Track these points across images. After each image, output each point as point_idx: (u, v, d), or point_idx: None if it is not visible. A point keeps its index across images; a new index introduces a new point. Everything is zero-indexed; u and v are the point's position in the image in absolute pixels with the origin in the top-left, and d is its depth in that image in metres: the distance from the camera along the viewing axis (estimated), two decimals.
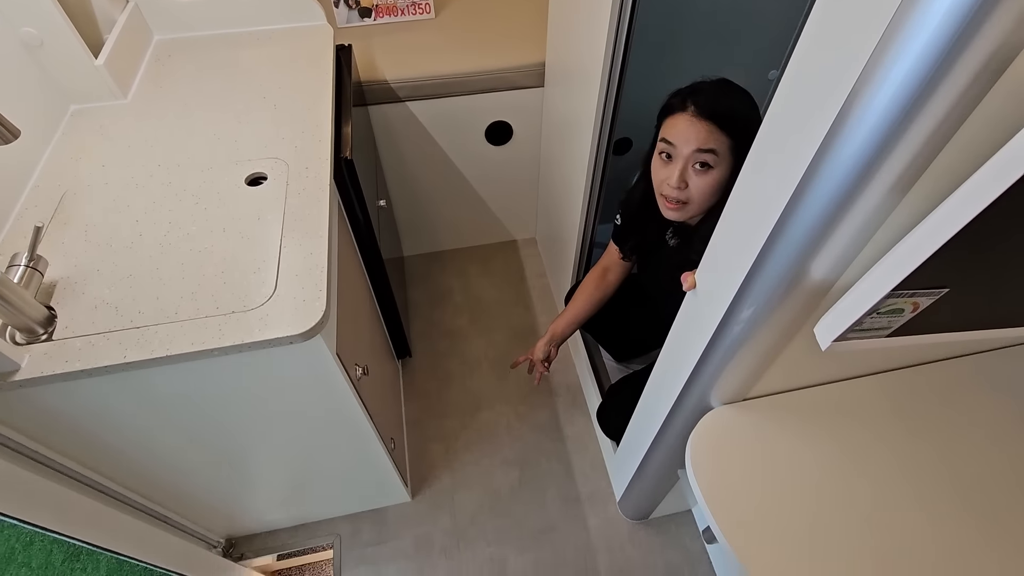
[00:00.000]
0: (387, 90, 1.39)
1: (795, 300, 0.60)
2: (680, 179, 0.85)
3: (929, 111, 0.40)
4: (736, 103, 0.84)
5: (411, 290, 1.86)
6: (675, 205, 0.88)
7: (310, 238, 0.81)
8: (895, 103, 0.40)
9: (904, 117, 0.40)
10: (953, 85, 0.38)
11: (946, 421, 0.79)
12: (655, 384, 0.98)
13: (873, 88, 0.41)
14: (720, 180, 0.85)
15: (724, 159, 0.84)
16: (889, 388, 0.81)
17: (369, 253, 1.19)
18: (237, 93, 1.06)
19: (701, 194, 0.86)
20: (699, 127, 0.82)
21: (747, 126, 0.83)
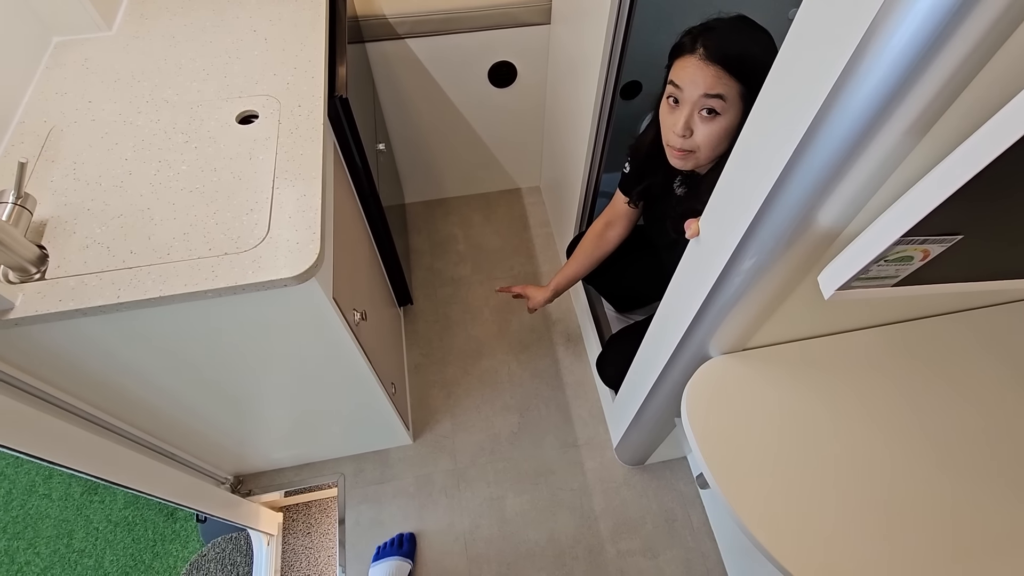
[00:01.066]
0: (385, 26, 1.32)
1: (800, 248, 0.58)
2: (685, 126, 0.82)
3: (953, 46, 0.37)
4: (750, 45, 0.79)
5: (413, 237, 1.84)
6: (681, 153, 0.85)
7: (303, 180, 0.79)
8: (917, 37, 0.37)
9: (926, 52, 0.37)
10: (979, 20, 0.35)
11: (946, 375, 0.78)
12: (655, 333, 0.97)
13: (894, 21, 0.37)
14: (728, 127, 0.81)
15: (733, 105, 0.80)
16: (889, 341, 0.80)
17: (368, 198, 1.16)
18: (225, 25, 1.01)
19: (708, 142, 0.82)
20: (707, 71, 0.78)
21: (760, 71, 0.78)
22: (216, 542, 1.40)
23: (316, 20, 1.01)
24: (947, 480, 0.70)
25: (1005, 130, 0.35)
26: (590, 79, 1.14)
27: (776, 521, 0.67)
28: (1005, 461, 0.71)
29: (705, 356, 0.82)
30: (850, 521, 0.67)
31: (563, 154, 1.50)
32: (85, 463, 0.83)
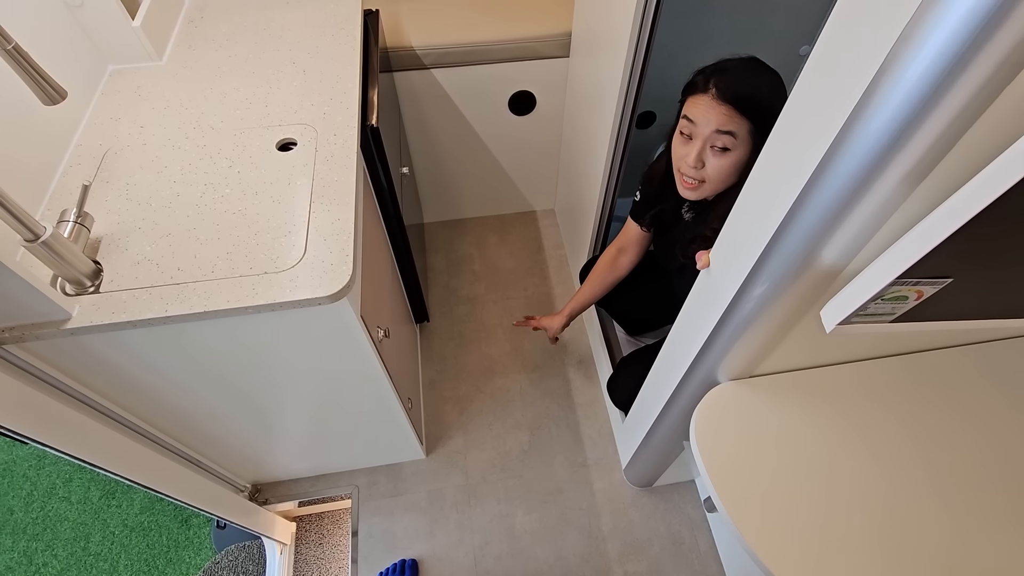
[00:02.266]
0: (413, 57, 1.39)
1: (805, 283, 0.62)
2: (697, 159, 0.86)
3: (945, 105, 0.41)
4: (761, 85, 0.83)
5: (431, 256, 1.89)
6: (691, 184, 0.90)
7: (338, 204, 0.84)
8: (912, 96, 0.41)
9: (920, 110, 0.42)
10: (970, 82, 0.39)
11: (949, 407, 0.81)
12: (665, 358, 1.00)
13: (892, 81, 0.42)
14: (738, 162, 0.86)
15: (743, 142, 0.84)
16: (893, 372, 0.83)
17: (392, 219, 1.22)
18: (267, 57, 1.08)
19: (718, 175, 0.87)
20: (719, 109, 0.82)
21: (769, 111, 0.82)
22: (229, 550, 1.43)
23: (351, 53, 1.08)
24: (949, 512, 0.72)
25: (986, 189, 0.39)
26: (607, 109, 1.20)
27: (782, 547, 0.70)
28: (1008, 495, 0.74)
29: (714, 382, 0.85)
30: (855, 550, 0.69)
31: (578, 179, 1.55)
32: (114, 462, 0.88)
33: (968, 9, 0.35)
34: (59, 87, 0.69)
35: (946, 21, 0.37)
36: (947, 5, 0.36)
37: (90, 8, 0.97)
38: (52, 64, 0.91)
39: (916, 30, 0.39)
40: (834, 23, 0.47)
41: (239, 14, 1.18)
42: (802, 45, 1.46)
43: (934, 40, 0.38)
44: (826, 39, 0.48)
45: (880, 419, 0.79)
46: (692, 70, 0.92)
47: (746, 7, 1.34)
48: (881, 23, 0.41)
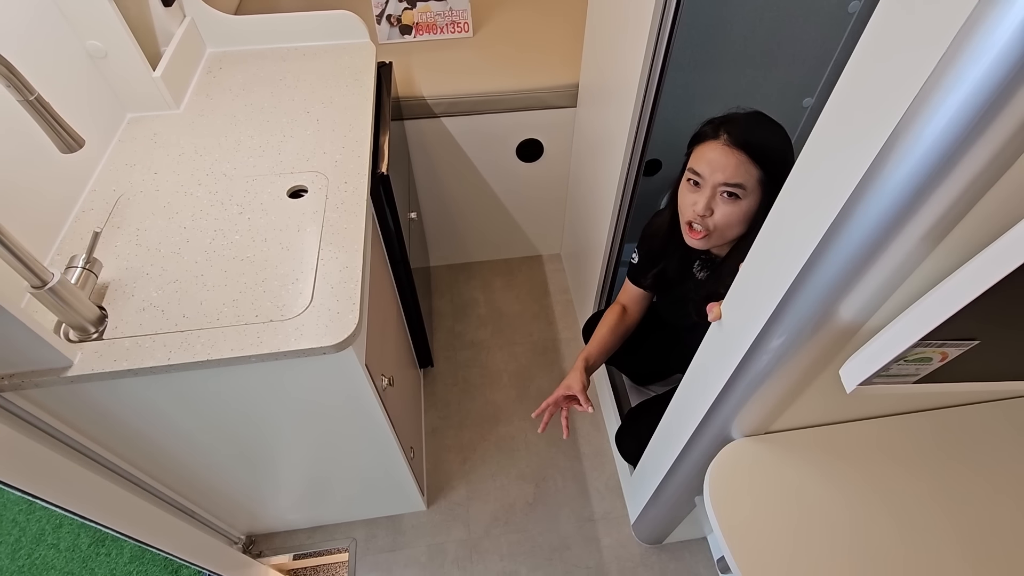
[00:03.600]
0: (423, 106, 1.43)
1: (822, 339, 0.61)
2: (706, 207, 0.85)
3: (969, 161, 0.40)
4: (769, 136, 0.85)
5: (436, 300, 1.89)
6: (699, 233, 0.88)
7: (346, 252, 0.84)
8: (934, 151, 0.40)
9: (943, 166, 0.41)
10: (994, 137, 0.38)
11: (978, 466, 0.77)
12: (675, 411, 0.98)
13: (913, 135, 0.41)
14: (747, 212, 0.85)
15: (752, 192, 0.84)
16: (916, 429, 0.80)
17: (398, 264, 1.22)
18: (282, 107, 1.11)
19: (726, 222, 0.86)
20: (730, 157, 0.82)
21: (778, 160, 0.84)
22: None
23: (364, 104, 1.11)
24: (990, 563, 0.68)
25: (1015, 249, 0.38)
26: (615, 157, 1.21)
27: None
28: None
29: (727, 438, 0.82)
30: None
31: (586, 225, 1.56)
32: (103, 514, 0.84)
33: (993, 62, 0.35)
34: (77, 136, 0.70)
35: (970, 75, 0.37)
36: (971, 58, 0.36)
37: (113, 59, 1.00)
38: (72, 111, 0.93)
39: (938, 83, 0.38)
40: (851, 73, 0.46)
41: (256, 65, 1.21)
42: (804, 97, 1.49)
43: (957, 95, 0.37)
44: (843, 90, 0.47)
45: (905, 480, 0.76)
46: (697, 120, 0.93)
47: (749, 61, 1.37)
48: (901, 74, 0.41)
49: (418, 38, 1.55)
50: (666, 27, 0.95)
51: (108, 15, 0.96)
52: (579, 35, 1.37)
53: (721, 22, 1.31)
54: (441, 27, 1.54)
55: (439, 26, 1.54)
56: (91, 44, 0.98)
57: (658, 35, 0.97)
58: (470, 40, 1.56)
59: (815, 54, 1.40)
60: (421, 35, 1.54)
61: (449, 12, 1.52)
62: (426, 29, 1.54)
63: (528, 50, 1.53)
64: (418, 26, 1.53)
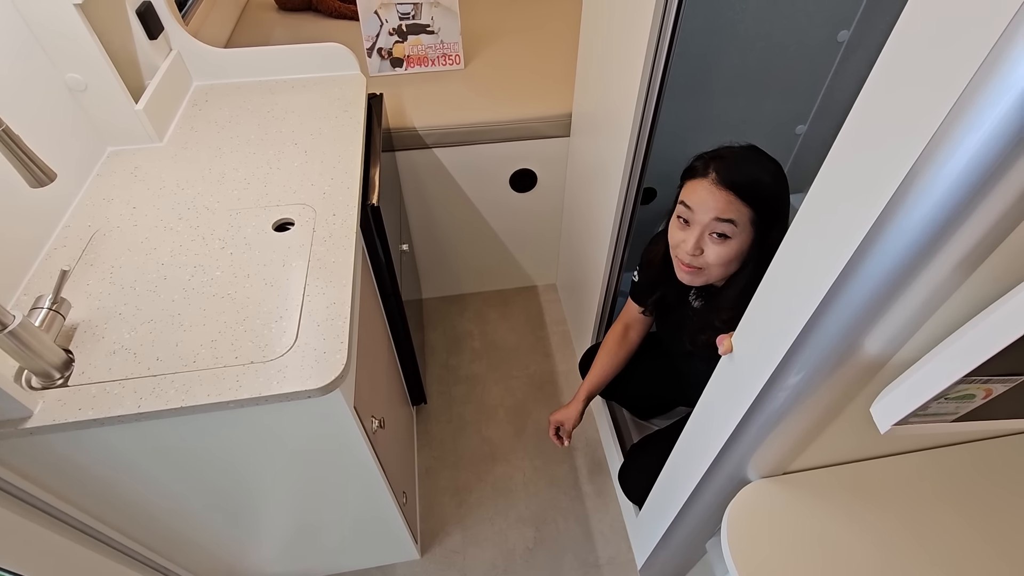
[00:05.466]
0: (415, 137, 1.41)
1: (845, 375, 0.57)
2: (695, 246, 0.83)
3: (1007, 182, 0.37)
4: (760, 172, 0.82)
5: (428, 333, 1.83)
6: (689, 269, 0.86)
7: (334, 287, 0.80)
8: (967, 172, 0.37)
9: (978, 189, 0.38)
10: None
11: (1002, 503, 0.72)
12: (683, 451, 0.92)
13: (944, 155, 0.38)
14: (738, 250, 0.83)
15: (743, 230, 0.81)
16: (946, 464, 0.75)
17: (389, 297, 1.17)
18: (269, 139, 1.08)
19: (718, 261, 0.83)
20: (718, 196, 0.80)
21: (769, 198, 0.81)
22: None
23: (354, 135, 1.08)
24: None
25: None
26: (611, 186, 1.19)
27: None
28: None
29: (743, 479, 0.77)
30: None
31: (582, 255, 1.53)
32: None
33: None
34: (48, 169, 0.66)
35: (1006, 93, 0.34)
36: (1014, 67, 0.33)
37: (93, 92, 0.97)
38: (49, 145, 0.90)
39: (974, 98, 0.35)
40: (874, 85, 0.43)
41: (244, 97, 1.19)
42: (797, 125, 1.49)
43: (994, 111, 0.34)
44: (865, 103, 0.44)
45: (941, 519, 0.71)
46: (692, 148, 0.91)
47: (742, 89, 1.37)
48: (934, 84, 0.38)
49: (409, 70, 1.54)
50: (661, 56, 0.94)
51: (89, 48, 0.93)
52: (571, 66, 1.37)
53: (713, 51, 1.31)
54: (432, 59, 1.53)
55: (430, 59, 1.53)
56: (71, 77, 0.95)
57: (653, 64, 0.96)
58: (461, 72, 1.56)
59: (806, 82, 1.41)
60: (412, 67, 1.54)
61: (440, 45, 1.51)
62: (417, 62, 1.53)
63: (520, 81, 1.52)
64: (409, 59, 1.52)
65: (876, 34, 1.29)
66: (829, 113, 1.44)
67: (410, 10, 1.44)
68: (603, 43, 1.16)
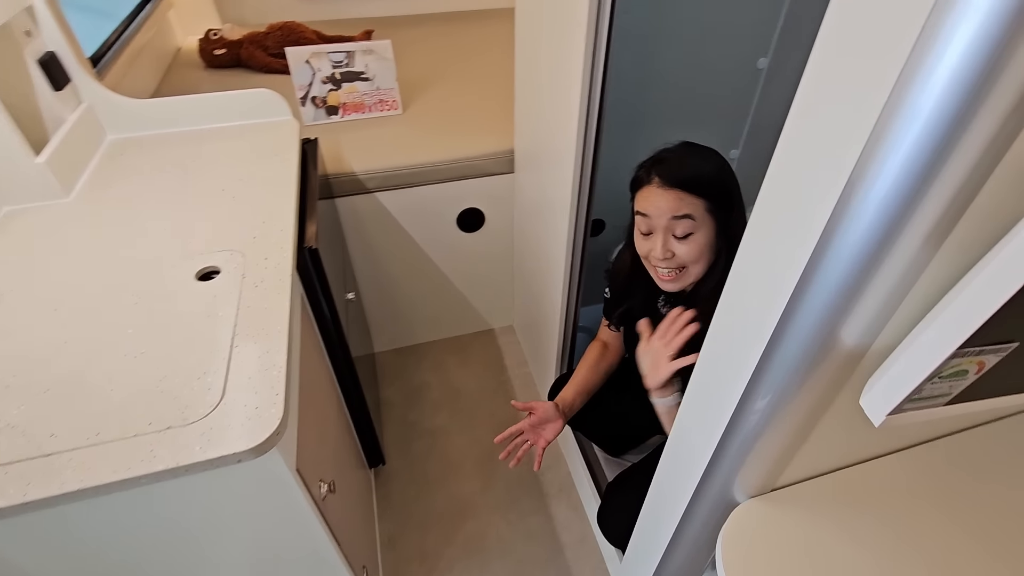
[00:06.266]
0: (355, 182, 1.36)
1: (824, 372, 0.53)
2: (664, 249, 0.84)
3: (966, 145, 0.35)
4: (700, 163, 0.84)
5: (383, 388, 1.73)
6: (670, 276, 0.86)
7: (267, 335, 0.71)
8: (931, 124, 0.35)
9: (935, 157, 0.36)
10: (994, 107, 0.34)
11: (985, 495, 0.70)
12: (662, 483, 0.86)
13: (903, 113, 0.36)
14: (706, 242, 0.84)
15: (703, 221, 0.82)
16: (924, 464, 0.73)
17: (337, 351, 1.09)
18: (193, 187, 1.00)
19: (691, 257, 0.84)
20: (668, 196, 0.81)
21: (716, 184, 0.83)
22: None
23: (287, 178, 1.02)
24: None
25: None
26: (560, 221, 1.17)
27: None
28: None
29: (730, 503, 0.72)
30: None
31: (537, 293, 1.49)
32: None
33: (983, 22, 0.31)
34: None
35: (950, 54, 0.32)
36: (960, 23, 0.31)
37: None
38: None
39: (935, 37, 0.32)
40: (824, 44, 0.41)
41: (166, 148, 1.12)
42: (731, 149, 1.55)
43: (953, 52, 0.32)
44: (813, 74, 0.42)
45: (932, 522, 0.67)
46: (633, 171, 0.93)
47: (675, 118, 1.42)
48: (881, 51, 0.36)
49: (346, 118, 1.51)
50: (596, 89, 0.95)
51: None
52: (510, 104, 1.38)
53: (642, 83, 1.35)
54: (369, 106, 1.52)
55: (367, 105, 1.51)
56: None
57: (589, 97, 0.97)
58: (400, 116, 1.55)
59: (733, 108, 1.47)
60: (349, 115, 1.51)
61: (376, 91, 1.50)
62: (354, 109, 1.51)
63: (460, 121, 1.52)
64: (345, 106, 1.50)
65: (792, 61, 1.37)
66: (759, 136, 1.51)
67: (343, 58, 1.43)
68: (538, 81, 1.17)
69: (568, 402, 1.11)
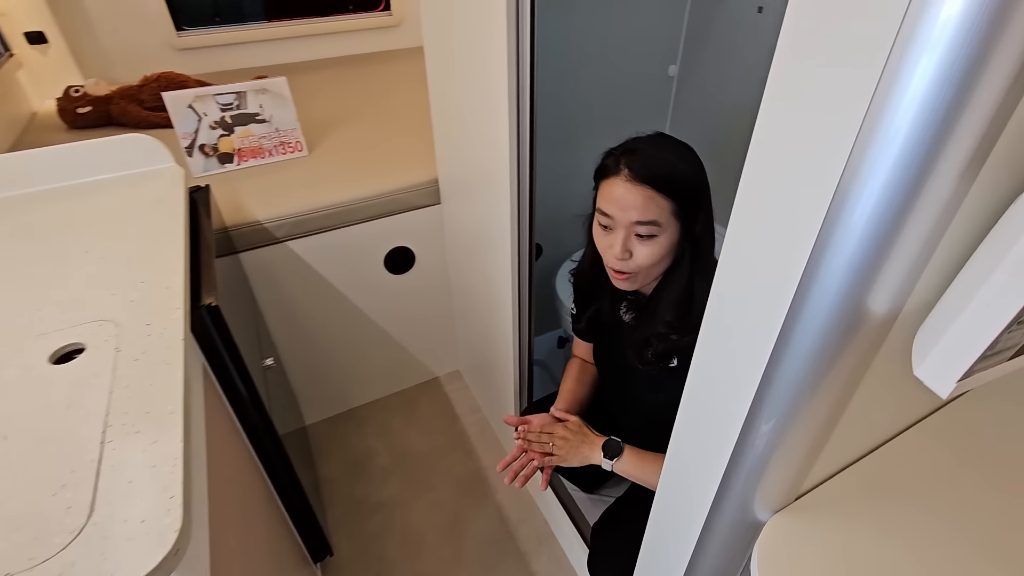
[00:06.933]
0: (261, 232, 1.20)
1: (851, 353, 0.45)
2: (623, 249, 0.77)
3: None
4: (675, 159, 0.77)
5: (320, 466, 1.50)
6: (623, 276, 0.80)
7: (154, 421, 0.54)
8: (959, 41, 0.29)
9: (968, 78, 0.29)
10: None
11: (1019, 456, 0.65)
12: (662, 518, 0.76)
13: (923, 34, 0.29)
14: (668, 246, 0.77)
15: (668, 224, 0.76)
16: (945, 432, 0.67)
17: (258, 430, 0.90)
18: (48, 255, 0.81)
19: (648, 262, 0.78)
20: (636, 193, 0.74)
21: (688, 186, 0.77)
22: None
23: (172, 231, 0.85)
24: None
25: None
26: (501, 249, 1.08)
27: None
28: None
29: (752, 523, 0.62)
30: None
31: (484, 329, 1.37)
32: None
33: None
34: None
35: None
36: None
37: None
38: None
39: None
40: None
41: (13, 213, 0.91)
42: None
43: None
44: None
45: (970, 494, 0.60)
46: (572, 199, 0.88)
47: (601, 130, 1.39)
48: None
49: (243, 165, 1.35)
50: (524, 104, 0.89)
51: None
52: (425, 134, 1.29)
53: (561, 98, 1.32)
54: (269, 150, 1.37)
55: (266, 149, 1.36)
56: None
57: (518, 113, 0.91)
58: (306, 159, 1.41)
59: (651, 115, 1.47)
60: (247, 161, 1.35)
61: (276, 133, 1.36)
62: (251, 154, 1.35)
63: (374, 157, 1.41)
64: (241, 152, 1.34)
65: (700, 67, 1.39)
66: None
67: (232, 100, 1.28)
68: (456, 103, 1.10)
69: (568, 407, 1.02)
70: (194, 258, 0.84)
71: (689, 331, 0.80)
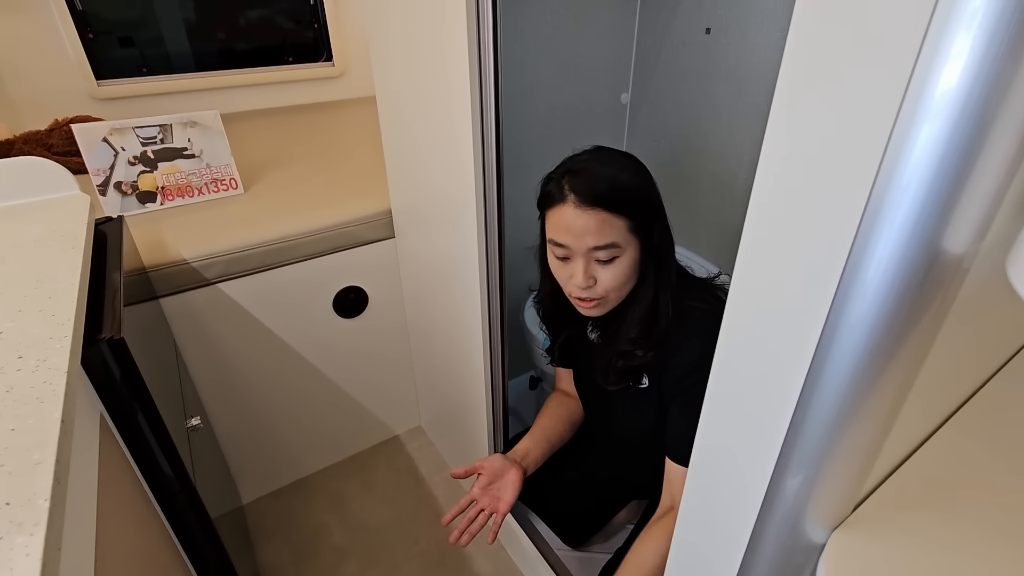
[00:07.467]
0: (187, 272, 1.04)
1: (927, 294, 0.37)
2: (586, 277, 0.73)
3: None
4: (619, 172, 0.73)
5: (261, 550, 1.27)
6: (591, 304, 0.76)
7: (7, 475, 0.38)
8: None
9: None
10: None
11: None
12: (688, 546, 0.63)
13: None
14: (631, 264, 0.73)
15: (628, 243, 0.72)
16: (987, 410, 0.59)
17: (178, 501, 0.72)
18: None
19: (615, 284, 0.73)
20: (588, 218, 0.69)
21: (639, 197, 0.72)
22: None
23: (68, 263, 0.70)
24: None
25: None
26: (468, 284, 0.99)
27: None
28: None
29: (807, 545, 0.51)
30: None
31: (450, 376, 1.23)
32: None
33: None
34: None
35: None
36: None
37: None
38: None
39: None
40: None
41: None
42: None
43: None
44: None
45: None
46: (527, 225, 0.82)
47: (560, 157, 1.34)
48: None
49: (168, 204, 1.21)
50: (490, 128, 0.83)
51: None
52: (374, 168, 1.20)
53: (520, 124, 1.28)
54: (199, 188, 1.23)
55: (195, 187, 1.23)
56: None
57: (483, 135, 0.84)
58: (242, 196, 1.28)
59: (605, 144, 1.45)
60: (171, 201, 1.21)
61: (207, 170, 1.23)
62: (178, 193, 1.21)
63: (319, 191, 1.30)
64: (165, 191, 1.20)
65: (652, 93, 1.40)
66: None
67: (156, 133, 1.16)
68: (412, 130, 1.03)
69: (522, 452, 0.92)
70: (98, 297, 0.69)
71: (654, 346, 0.76)
